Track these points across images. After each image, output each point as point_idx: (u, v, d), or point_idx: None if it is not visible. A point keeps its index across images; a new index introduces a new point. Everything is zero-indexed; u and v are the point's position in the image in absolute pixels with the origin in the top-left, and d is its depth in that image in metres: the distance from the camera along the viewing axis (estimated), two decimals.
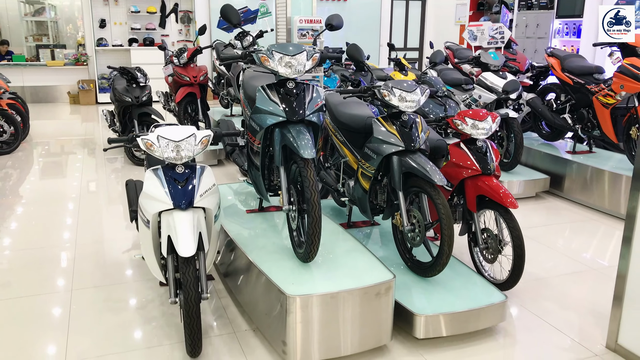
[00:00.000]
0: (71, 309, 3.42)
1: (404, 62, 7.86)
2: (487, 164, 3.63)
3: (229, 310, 3.42)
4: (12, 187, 6.02)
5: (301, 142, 2.90)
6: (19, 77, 11.67)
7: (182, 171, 2.94)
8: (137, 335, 3.15)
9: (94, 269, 3.99)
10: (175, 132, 2.96)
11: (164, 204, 2.86)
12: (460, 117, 3.73)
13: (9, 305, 3.47)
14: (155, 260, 3.09)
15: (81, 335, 3.15)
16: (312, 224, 2.85)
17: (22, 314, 3.38)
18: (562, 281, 3.94)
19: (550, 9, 10.19)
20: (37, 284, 3.74)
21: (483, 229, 3.70)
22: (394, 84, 3.40)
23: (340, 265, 3.10)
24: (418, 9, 14.46)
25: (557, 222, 5.16)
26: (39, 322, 3.29)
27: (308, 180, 2.84)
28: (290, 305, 2.70)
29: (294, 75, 3.07)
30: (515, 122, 5.52)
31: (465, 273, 3.49)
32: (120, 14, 12.03)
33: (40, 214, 5.17)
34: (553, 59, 6.01)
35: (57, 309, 3.43)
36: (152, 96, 6.96)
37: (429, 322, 3.00)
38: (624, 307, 2.99)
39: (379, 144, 3.41)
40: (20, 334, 3.16)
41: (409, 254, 3.53)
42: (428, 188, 3.21)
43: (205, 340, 3.09)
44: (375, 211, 3.76)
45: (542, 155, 6.00)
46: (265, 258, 3.14)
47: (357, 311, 2.82)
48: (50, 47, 12.37)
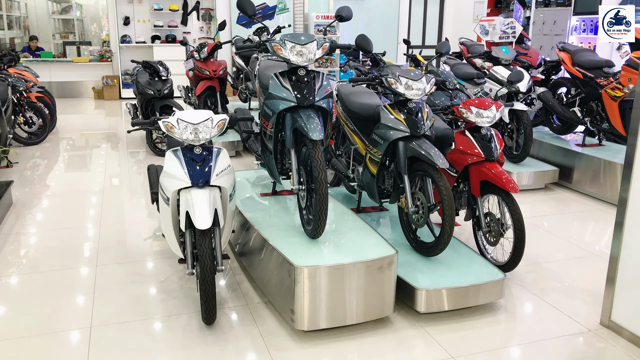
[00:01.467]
0: (96, 282, 3.67)
1: (420, 58, 8.01)
2: (491, 151, 3.79)
3: (242, 285, 3.64)
4: (40, 175, 6.33)
5: (310, 126, 3.09)
6: (47, 73, 12.05)
7: (200, 152, 3.16)
8: (157, 306, 3.38)
9: (117, 248, 4.24)
10: (193, 115, 3.18)
11: (183, 182, 3.08)
12: (465, 105, 3.89)
13: (39, 278, 3.74)
14: (175, 237, 3.32)
15: (106, 304, 3.39)
16: (319, 201, 3.04)
17: (53, 285, 3.64)
18: (563, 265, 4.08)
19: (568, 5, 10.24)
20: (65, 260, 4.00)
21: (486, 213, 3.85)
22: (401, 73, 3.57)
23: (346, 241, 3.29)
24: (436, 7, 14.55)
25: (564, 212, 5.28)
26: (67, 292, 3.54)
27: (316, 160, 3.03)
28: (298, 276, 2.90)
29: (305, 63, 3.27)
30: (525, 115, 5.65)
31: (467, 253, 3.66)
32: (144, 12, 12.36)
33: (66, 200, 5.45)
34: (564, 54, 6.11)
35: (84, 281, 3.68)
36: (173, 89, 7.22)
37: (430, 296, 3.18)
38: (616, 287, 3.14)
39: (386, 130, 3.59)
40: (51, 302, 3.42)
41: (414, 235, 3.70)
42: (431, 171, 3.38)
43: (220, 311, 3.30)
44: (383, 195, 3.94)
45: (552, 148, 6.11)
46: (276, 235, 3.35)
47: (361, 283, 3.01)
48: (76, 44, 12.77)
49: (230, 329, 3.13)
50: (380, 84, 3.65)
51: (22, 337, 3.03)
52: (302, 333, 3.06)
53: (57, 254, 4.11)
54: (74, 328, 3.12)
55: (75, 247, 4.26)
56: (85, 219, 4.87)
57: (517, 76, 4.47)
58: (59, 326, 3.14)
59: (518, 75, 4.49)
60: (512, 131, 5.84)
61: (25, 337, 3.04)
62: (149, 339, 3.05)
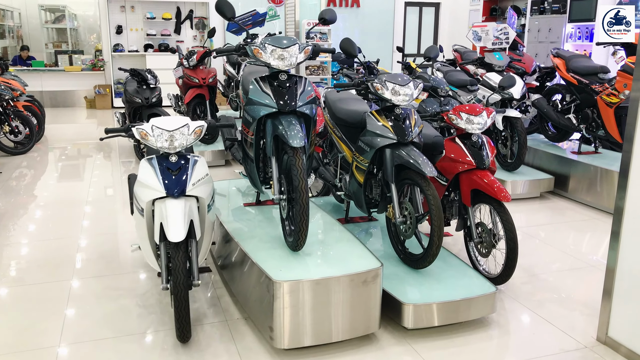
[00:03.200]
0: (72, 296, 3.51)
1: (413, 65, 7.90)
2: (482, 159, 3.65)
3: (223, 300, 3.48)
4: (24, 186, 6.17)
5: (291, 132, 2.96)
6: (38, 82, 11.95)
7: (176, 160, 3.01)
8: (132, 322, 3.22)
9: (98, 260, 4.08)
10: (169, 122, 3.04)
11: (157, 192, 2.93)
12: (455, 112, 3.76)
13: (14, 293, 3.57)
14: (151, 249, 3.17)
15: (80, 319, 3.23)
16: (300, 211, 2.90)
17: (26, 300, 3.48)
18: (558, 277, 3.92)
19: (563, 13, 10.16)
20: (43, 273, 3.85)
21: (478, 223, 3.71)
22: (388, 78, 3.44)
23: (330, 254, 3.14)
24: (431, 15, 14.49)
25: (560, 222, 5.14)
26: (42, 307, 3.38)
27: (296, 169, 2.89)
28: (277, 291, 2.74)
29: (286, 67, 3.13)
30: (518, 122, 5.52)
31: (457, 265, 3.51)
32: (137, 21, 12.27)
33: (50, 211, 5.30)
34: (558, 60, 6.00)
35: (58, 296, 3.52)
36: (161, 98, 7.10)
37: (418, 311, 3.02)
38: (613, 301, 2.99)
39: (372, 137, 3.45)
40: (23, 318, 3.25)
41: (402, 246, 3.56)
42: (419, 180, 3.24)
43: (198, 327, 3.15)
44: (370, 205, 3.80)
45: (547, 155, 5.98)
46: (257, 247, 3.20)
47: (344, 298, 2.86)
48: (68, 52, 12.66)
49: (207, 347, 2.97)
50: (367, 90, 3.52)
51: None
52: (282, 351, 2.91)
53: (36, 267, 3.95)
54: (44, 346, 2.96)
55: (55, 259, 4.10)
56: (68, 230, 4.71)
57: (509, 81, 4.35)
58: (30, 344, 2.98)
59: (510, 80, 4.36)
60: (506, 139, 5.71)
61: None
62: (121, 358, 2.88)
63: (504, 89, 4.36)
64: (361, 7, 13.48)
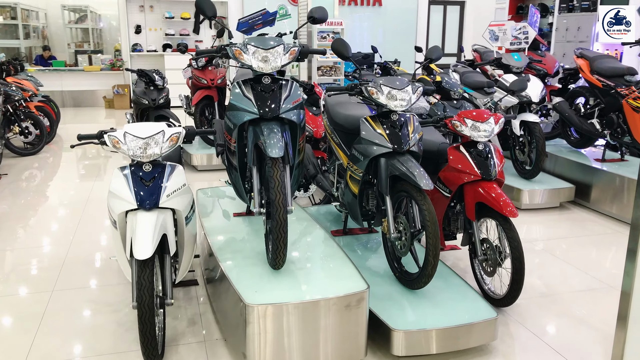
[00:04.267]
0: (47, 309, 3.34)
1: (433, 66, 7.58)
2: (488, 169, 3.36)
3: (205, 317, 3.27)
4: (27, 188, 6.07)
5: (270, 140, 2.72)
6: (58, 82, 11.99)
7: (150, 170, 2.81)
8: (107, 339, 3.03)
9: (83, 270, 3.91)
10: (143, 129, 2.85)
11: (128, 204, 2.74)
12: (459, 117, 3.47)
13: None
14: (127, 262, 2.97)
15: (50, 336, 3.06)
16: (277, 227, 2.66)
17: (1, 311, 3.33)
18: (572, 298, 3.60)
19: (593, 11, 9.67)
20: (22, 283, 3.70)
21: (483, 239, 3.42)
22: (384, 81, 3.18)
23: (314, 273, 2.89)
24: (456, 14, 14.08)
25: (579, 235, 4.78)
26: (12, 321, 3.22)
27: (273, 181, 2.65)
28: (249, 315, 2.51)
29: (270, 70, 2.90)
30: (537, 127, 5.18)
31: (457, 286, 3.22)
32: (155, 20, 12.21)
33: (45, 215, 5.18)
34: (581, 60, 5.62)
35: (34, 308, 3.35)
36: (169, 99, 6.94)
37: (408, 338, 2.75)
38: (629, 328, 2.65)
39: (366, 145, 3.19)
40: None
41: (398, 264, 3.29)
42: (414, 192, 2.97)
43: (173, 348, 2.94)
44: (367, 217, 3.54)
45: (568, 163, 5.61)
46: (237, 263, 2.97)
47: (325, 323, 2.61)
48: (88, 52, 12.68)
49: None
50: (360, 94, 3.26)
51: None
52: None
53: (15, 276, 3.81)
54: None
55: (38, 268, 3.95)
56: (58, 236, 4.56)
57: (520, 85, 4.03)
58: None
59: (521, 83, 4.05)
60: (524, 144, 5.37)
61: None
62: None
63: (514, 93, 4.05)
64: (383, 5, 13.16)
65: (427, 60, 4.05)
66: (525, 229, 4.91)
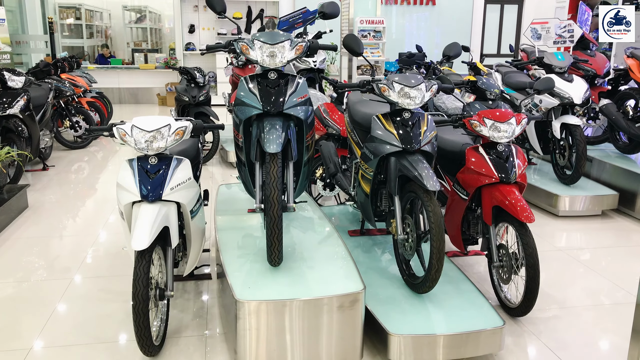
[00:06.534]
0: (63, 296, 3.45)
1: (480, 66, 7.34)
2: (507, 172, 3.20)
3: (211, 311, 3.28)
4: (69, 180, 6.33)
5: (268, 136, 2.70)
6: (115, 80, 12.46)
7: (154, 162, 2.85)
8: (111, 328, 3.09)
9: (103, 260, 4.02)
10: (150, 122, 2.89)
11: (133, 196, 2.78)
12: (479, 117, 3.32)
13: (6, 288, 3.58)
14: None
15: (61, 322, 3.15)
16: (271, 224, 2.63)
17: (18, 297, 3.46)
18: (597, 313, 3.37)
19: None
20: (47, 270, 3.84)
21: (499, 245, 3.26)
22: (397, 78, 3.09)
23: (313, 271, 2.84)
24: (514, 13, 13.61)
25: (620, 245, 4.49)
26: (29, 305, 3.35)
27: (269, 177, 2.62)
28: (239, 311, 2.49)
29: (276, 65, 2.88)
30: (578, 130, 4.91)
31: (468, 292, 3.08)
32: (208, 20, 12.48)
33: (81, 207, 5.37)
34: (632, 61, 5.28)
35: (51, 295, 3.47)
36: (210, 96, 7.06)
37: (405, 343, 2.65)
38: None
39: (377, 143, 3.11)
40: (8, 316, 3.23)
41: (406, 266, 3.18)
42: (421, 193, 2.87)
43: (174, 339, 2.96)
44: (380, 217, 3.46)
45: (614, 168, 5.28)
46: (237, 259, 2.97)
47: (317, 323, 2.56)
48: (144, 51, 13.10)
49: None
50: (372, 91, 3.18)
51: None
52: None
53: (43, 263, 3.97)
54: (13, 348, 2.89)
55: (65, 256, 4.10)
56: (90, 227, 4.72)
57: (545, 85, 3.81)
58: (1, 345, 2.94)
59: (547, 83, 3.82)
60: (565, 148, 5.10)
61: None
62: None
63: (540, 93, 3.83)
64: (437, 5, 12.90)
65: (445, 58, 3.91)
66: (563, 236, 4.67)
